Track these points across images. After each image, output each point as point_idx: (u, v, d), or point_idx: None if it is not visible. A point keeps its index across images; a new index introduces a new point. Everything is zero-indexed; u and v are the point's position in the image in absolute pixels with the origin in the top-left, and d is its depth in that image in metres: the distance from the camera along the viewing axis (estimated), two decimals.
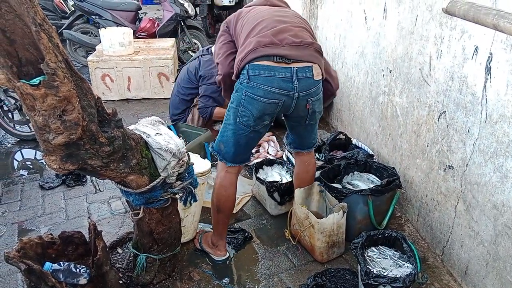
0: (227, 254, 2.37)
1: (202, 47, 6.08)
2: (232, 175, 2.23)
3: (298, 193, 2.44)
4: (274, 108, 2.02)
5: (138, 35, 6.00)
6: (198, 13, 7.63)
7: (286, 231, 2.54)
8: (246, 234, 2.54)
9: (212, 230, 2.41)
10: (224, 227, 2.33)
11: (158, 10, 7.08)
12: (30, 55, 1.37)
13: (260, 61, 1.97)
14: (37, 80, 1.36)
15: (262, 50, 1.98)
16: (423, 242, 2.49)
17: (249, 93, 2.00)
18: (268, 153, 3.47)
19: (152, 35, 6.04)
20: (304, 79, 1.98)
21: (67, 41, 5.86)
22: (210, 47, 3.58)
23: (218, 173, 2.24)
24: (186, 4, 5.92)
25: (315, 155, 3.05)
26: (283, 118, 2.33)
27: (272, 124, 2.73)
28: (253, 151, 2.53)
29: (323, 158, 3.04)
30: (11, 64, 1.36)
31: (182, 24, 5.95)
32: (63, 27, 6.03)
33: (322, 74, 2.07)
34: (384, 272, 2.04)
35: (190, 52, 6.14)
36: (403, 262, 2.11)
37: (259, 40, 2.00)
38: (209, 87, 3.37)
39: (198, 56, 3.53)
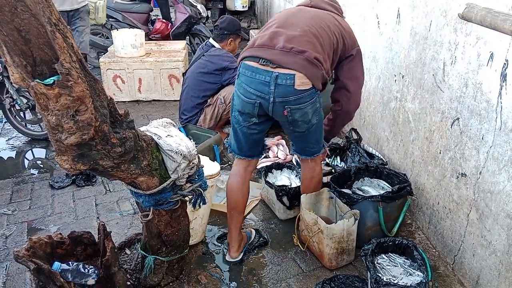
0: (235, 258, 2.36)
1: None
2: (239, 166, 2.34)
3: (304, 198, 2.41)
4: (252, 109, 2.06)
5: (152, 36, 6.03)
6: (209, 16, 7.66)
7: (295, 237, 2.52)
8: (261, 238, 2.53)
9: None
10: (230, 222, 2.35)
11: (171, 12, 7.15)
12: (44, 54, 1.38)
13: (248, 60, 2.04)
14: (51, 80, 1.36)
15: (252, 51, 2.05)
16: (434, 250, 2.45)
17: (236, 89, 2.12)
18: (277, 156, 3.46)
19: (166, 37, 6.06)
20: (283, 86, 1.95)
21: None
22: (208, 41, 3.62)
23: None
24: (198, 6, 5.96)
25: (326, 160, 3.04)
26: None
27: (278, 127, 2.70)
28: (266, 146, 2.56)
29: (334, 164, 3.02)
30: (25, 63, 1.37)
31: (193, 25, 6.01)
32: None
33: (312, 84, 1.99)
34: (394, 280, 2.02)
35: None
36: (414, 270, 2.08)
37: (256, 39, 2.07)
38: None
39: (203, 55, 3.53)
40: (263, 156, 3.40)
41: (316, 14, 2.15)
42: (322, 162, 3.03)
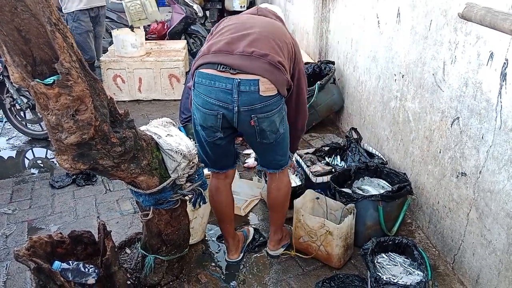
0: (236, 259, 2.36)
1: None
2: (216, 181, 2.21)
3: (296, 204, 2.35)
4: (215, 121, 1.89)
5: (148, 36, 6.04)
6: (208, 17, 7.67)
7: (291, 251, 2.41)
8: (261, 238, 2.53)
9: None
10: (223, 230, 2.34)
11: (169, 12, 7.15)
12: (44, 54, 1.38)
13: (204, 68, 1.87)
14: (51, 79, 1.37)
15: (208, 57, 1.87)
16: (434, 249, 2.45)
17: (194, 101, 1.94)
18: None
19: (162, 37, 6.08)
20: (247, 93, 1.81)
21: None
22: None
23: None
24: (194, 6, 5.98)
25: (326, 160, 3.04)
26: None
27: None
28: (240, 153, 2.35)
29: (334, 163, 3.02)
30: (25, 63, 1.37)
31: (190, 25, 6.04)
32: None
33: (277, 90, 1.86)
34: (394, 279, 2.02)
35: None
36: (414, 270, 2.08)
37: (211, 45, 1.91)
38: None
39: None
40: None
41: (270, 22, 2.04)
42: (322, 161, 3.03)
